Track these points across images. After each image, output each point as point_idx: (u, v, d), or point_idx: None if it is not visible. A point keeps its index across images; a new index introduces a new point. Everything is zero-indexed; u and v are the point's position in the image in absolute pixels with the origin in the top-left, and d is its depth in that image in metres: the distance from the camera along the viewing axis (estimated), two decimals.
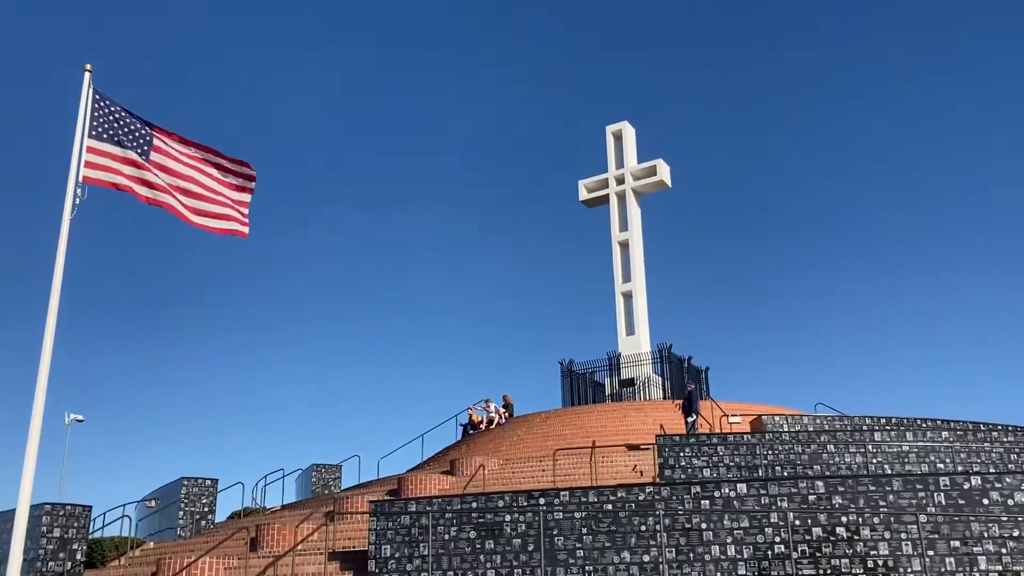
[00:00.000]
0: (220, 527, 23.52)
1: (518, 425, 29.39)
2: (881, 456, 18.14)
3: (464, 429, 32.55)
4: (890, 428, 19.47)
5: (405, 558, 14.65)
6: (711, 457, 18.48)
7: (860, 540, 13.08)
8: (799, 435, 18.63)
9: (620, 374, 33.48)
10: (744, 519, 13.52)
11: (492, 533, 14.38)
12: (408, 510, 14.94)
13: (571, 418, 28.74)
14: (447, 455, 29.26)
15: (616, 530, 13.91)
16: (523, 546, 14.16)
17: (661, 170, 36.03)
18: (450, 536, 14.53)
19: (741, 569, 13.23)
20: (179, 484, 24.08)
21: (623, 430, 26.65)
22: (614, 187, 36.54)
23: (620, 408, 29.18)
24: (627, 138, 37.23)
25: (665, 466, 18.39)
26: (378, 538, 14.90)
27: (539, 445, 26.69)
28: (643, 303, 35.27)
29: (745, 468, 18.22)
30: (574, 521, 14.10)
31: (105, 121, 17.20)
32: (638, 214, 36.33)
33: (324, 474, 28.88)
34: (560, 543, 14.01)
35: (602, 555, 13.81)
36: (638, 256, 35.72)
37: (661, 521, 13.72)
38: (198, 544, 20.47)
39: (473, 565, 14.28)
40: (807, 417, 23.07)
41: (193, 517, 23.79)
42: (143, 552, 21.29)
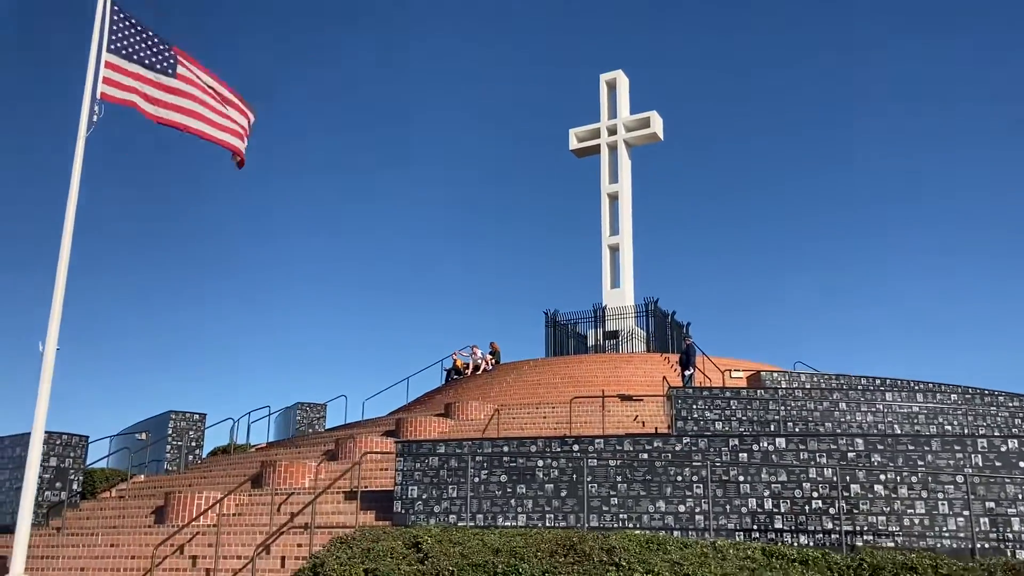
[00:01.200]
0: (209, 462, 23.03)
1: (506, 372, 29.22)
2: (891, 416, 18.32)
3: (447, 374, 32.33)
4: (901, 388, 19.68)
5: (433, 500, 14.40)
6: (723, 411, 18.49)
7: (897, 498, 13.16)
8: (812, 392, 18.71)
9: (605, 326, 33.43)
10: (783, 473, 13.50)
11: (524, 477, 14.18)
12: (436, 451, 14.66)
13: (560, 367, 28.64)
14: (434, 399, 29.02)
15: (651, 479, 13.81)
16: (556, 491, 14.00)
17: (654, 122, 35.70)
18: (480, 479, 14.30)
19: (778, 523, 13.24)
20: (167, 417, 23.46)
21: (614, 381, 26.62)
22: (606, 137, 36.14)
23: (610, 359, 29.15)
24: (621, 88, 36.75)
25: (678, 417, 18.35)
26: (405, 479, 14.61)
27: (530, 392, 26.57)
28: (629, 257, 35.15)
29: (757, 423, 18.26)
30: (608, 468, 13.96)
31: (125, 37, 16.26)
32: (628, 166, 36.03)
33: (309, 413, 28.41)
34: (594, 490, 13.87)
35: (636, 503, 13.71)
36: (627, 209, 35.50)
37: (699, 472, 13.65)
38: (195, 478, 20.00)
39: (504, 509, 14.09)
40: (804, 375, 23.24)
41: (181, 451, 23.24)
42: (136, 484, 20.74)
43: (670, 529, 13.41)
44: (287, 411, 29.02)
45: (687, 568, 10.06)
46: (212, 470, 20.58)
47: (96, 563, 13.86)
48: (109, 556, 14.00)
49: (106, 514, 17.53)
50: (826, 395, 18.58)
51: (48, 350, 14.12)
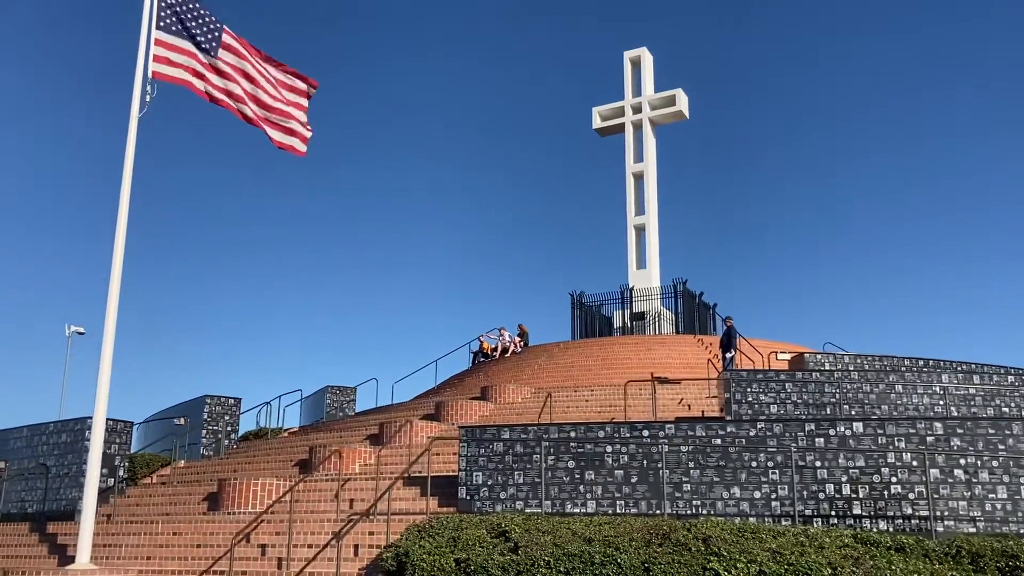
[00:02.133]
0: (248, 447, 22.77)
1: (536, 355, 28.94)
2: (948, 398, 18.08)
3: (474, 357, 32.07)
4: (956, 370, 19.43)
5: (499, 486, 14.14)
6: (778, 394, 18.24)
7: (978, 483, 12.93)
8: (867, 374, 18.46)
9: (632, 307, 33.16)
10: (860, 458, 13.26)
11: (592, 464, 13.92)
12: (501, 437, 14.39)
13: (592, 349, 28.38)
14: (464, 382, 28.77)
15: (725, 465, 13.56)
16: (626, 478, 13.75)
17: (680, 100, 35.31)
18: (547, 465, 14.04)
19: (856, 508, 13.01)
20: (202, 402, 23.19)
21: (648, 363, 26.35)
22: (630, 116, 35.76)
23: (642, 341, 28.90)
24: (645, 65, 36.34)
25: (732, 401, 18.09)
26: (469, 464, 14.35)
27: (563, 375, 26.32)
28: (655, 237, 34.87)
29: (813, 406, 18.02)
30: (680, 454, 13.70)
31: (173, 13, 15.80)
32: (653, 145, 35.67)
33: (339, 396, 28.15)
34: (665, 476, 13.62)
35: (710, 490, 13.47)
36: (652, 188, 35.16)
37: (775, 457, 13.41)
38: (239, 464, 19.75)
39: (572, 495, 13.84)
40: (847, 356, 22.98)
41: (216, 436, 22.99)
42: (178, 470, 20.49)
43: (745, 516, 13.18)
44: (317, 395, 28.76)
45: (789, 557, 9.81)
46: (255, 455, 20.32)
47: (162, 552, 13.60)
48: (174, 544, 13.74)
49: (155, 500, 17.28)
50: (882, 377, 18.32)
51: (107, 334, 13.83)
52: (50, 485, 17.59)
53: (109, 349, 13.64)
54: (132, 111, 14.68)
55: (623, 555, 9.80)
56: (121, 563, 13.51)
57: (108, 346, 13.65)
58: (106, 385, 13.54)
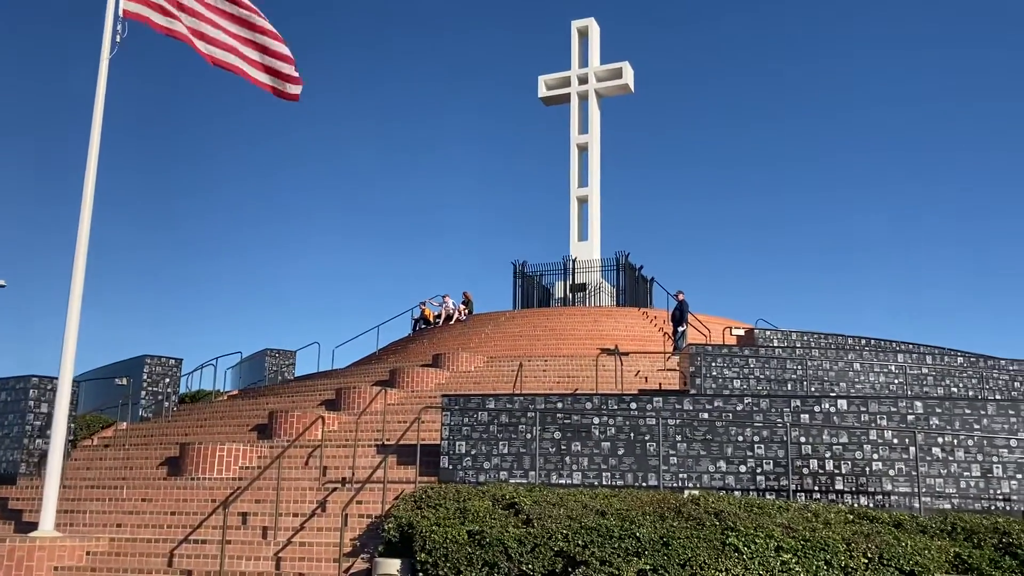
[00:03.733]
0: (193, 409, 21.92)
1: (482, 323, 28.71)
2: (903, 377, 18.64)
3: (415, 324, 31.65)
4: (911, 351, 20.04)
5: (483, 456, 13.92)
6: (741, 369, 18.47)
7: (955, 461, 13.34)
8: (827, 352, 18.87)
9: (574, 279, 33.19)
10: (843, 435, 13.51)
11: (579, 435, 13.82)
12: (486, 406, 14.15)
13: (539, 319, 28.30)
14: (408, 348, 28.34)
15: (712, 439, 13.64)
16: (612, 450, 13.69)
17: (626, 73, 35.25)
18: (532, 435, 13.88)
19: (839, 484, 13.28)
20: (142, 362, 22.18)
21: (596, 334, 26.45)
22: (576, 87, 35.54)
23: (589, 312, 28.95)
24: (593, 36, 36.13)
25: (697, 375, 18.24)
26: (452, 434, 14.07)
27: (512, 344, 26.14)
28: (597, 209, 34.89)
29: (776, 381, 18.32)
30: (667, 427, 13.72)
31: None
32: (598, 117, 35.57)
33: (279, 359, 27.38)
34: (652, 449, 13.63)
35: (697, 463, 13.54)
36: (595, 161, 35.12)
37: (760, 432, 13.55)
38: (189, 427, 18.98)
39: (558, 466, 13.73)
40: (795, 333, 23.44)
41: (156, 398, 22.06)
42: (120, 432, 19.56)
43: (731, 489, 13.30)
44: (255, 357, 27.93)
45: (804, 532, 9.90)
46: (206, 419, 19.55)
47: (132, 519, 12.91)
48: (144, 511, 13.07)
49: (107, 464, 16.45)
50: (841, 355, 18.75)
51: (75, 287, 12.98)
52: None
53: (77, 303, 12.84)
54: (103, 51, 13.74)
55: (641, 529, 9.73)
56: (88, 530, 12.78)
57: (76, 299, 12.84)
58: (73, 341, 12.74)
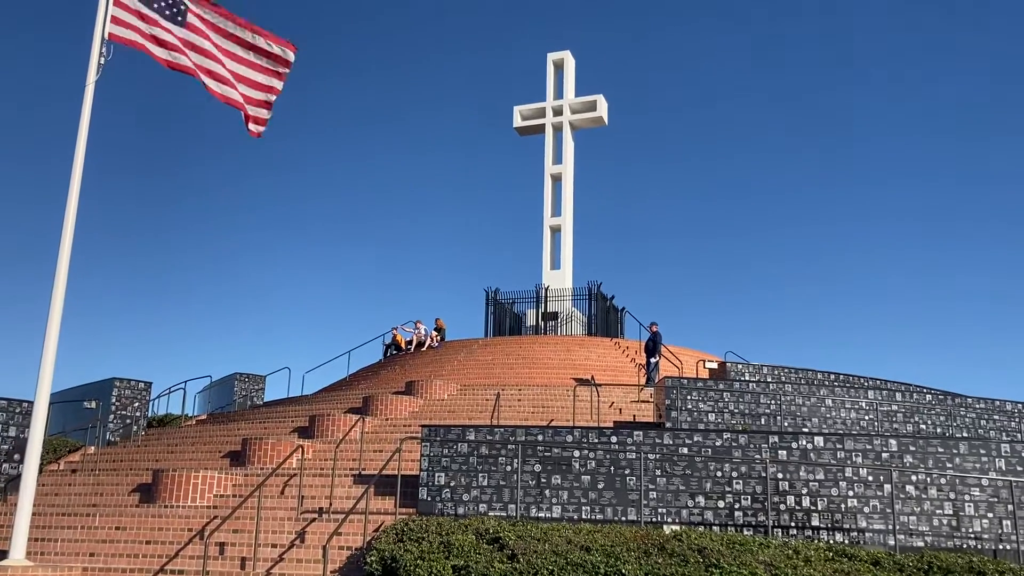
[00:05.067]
0: (164, 434, 21.59)
1: (455, 350, 28.68)
2: (873, 414, 18.92)
3: (386, 349, 31.55)
4: (880, 388, 20.35)
5: (462, 488, 13.88)
6: (716, 402, 18.65)
7: (927, 499, 13.56)
8: (800, 387, 19.11)
9: (546, 307, 33.32)
10: (820, 471, 13.68)
11: (559, 468, 13.85)
12: (466, 438, 14.14)
13: (511, 347, 28.33)
14: (379, 375, 28.21)
15: (691, 474, 13.74)
16: (592, 483, 13.73)
17: (600, 106, 35.67)
18: (513, 468, 13.88)
19: (815, 520, 13.42)
20: (110, 384, 21.87)
21: (569, 364, 26.57)
22: (551, 118, 35.89)
23: (561, 341, 29.04)
24: (568, 68, 36.54)
25: (672, 408, 18.38)
26: (431, 464, 14.03)
27: (485, 373, 26.13)
28: (570, 238, 35.13)
29: (749, 416, 18.52)
30: (647, 462, 13.80)
31: None
32: (572, 148, 35.92)
33: (248, 384, 27.11)
34: (632, 483, 13.69)
35: (676, 498, 13.62)
36: (569, 191, 35.41)
37: (739, 468, 13.68)
38: (160, 452, 18.69)
39: (538, 500, 13.73)
40: (766, 367, 23.73)
41: (124, 422, 21.74)
42: (88, 456, 19.22)
43: (709, 525, 13.39)
44: (223, 382, 27.62)
45: (785, 570, 10.00)
46: (176, 444, 19.27)
47: (106, 548, 12.67)
48: (119, 540, 12.83)
49: (76, 490, 16.14)
50: (813, 391, 19.00)
51: (55, 308, 12.79)
52: None
53: (56, 324, 12.63)
54: (89, 75, 13.65)
55: (627, 566, 9.76)
56: (60, 559, 12.52)
57: (55, 320, 12.64)
58: (51, 363, 12.53)
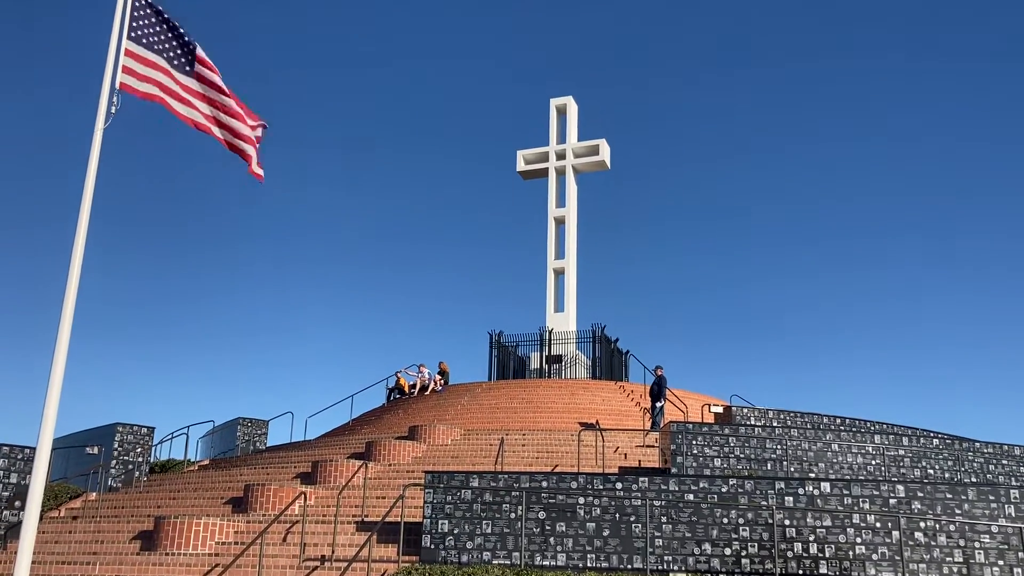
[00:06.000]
0: (165, 480, 21.47)
1: (458, 394, 28.57)
2: (880, 458, 18.77)
3: (390, 393, 31.41)
4: (887, 432, 20.21)
5: (465, 535, 13.75)
6: (722, 447, 18.52)
7: (937, 546, 13.40)
8: (806, 432, 18.98)
9: (550, 350, 33.25)
10: (827, 518, 13.55)
11: (564, 515, 13.73)
12: (470, 484, 14.04)
13: (515, 391, 28.22)
14: (383, 419, 28.07)
15: (697, 520, 13.61)
16: (597, 531, 13.60)
17: (603, 150, 35.90)
18: (516, 515, 13.77)
19: (823, 567, 13.26)
20: (113, 430, 21.81)
21: (574, 408, 26.43)
22: (554, 162, 36.10)
23: (566, 385, 28.92)
24: (571, 113, 36.83)
25: (678, 452, 18.25)
26: (434, 512, 13.92)
27: (489, 417, 26.00)
28: (574, 281, 35.13)
29: (755, 461, 18.37)
30: (653, 508, 13.68)
31: (147, 25, 15.00)
32: (575, 191, 36.08)
33: (251, 429, 27.00)
34: (637, 530, 13.56)
35: (682, 545, 13.47)
36: (572, 234, 35.52)
37: (746, 514, 13.54)
38: (161, 498, 18.58)
39: (542, 547, 13.59)
40: (772, 412, 23.59)
41: (127, 467, 21.63)
42: (89, 503, 19.10)
43: (716, 573, 13.24)
44: (226, 426, 27.52)
45: None
46: (179, 491, 19.15)
47: None
48: None
49: (76, 537, 16.02)
50: (819, 435, 18.87)
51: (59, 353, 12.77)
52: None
53: (60, 369, 12.57)
54: (97, 123, 13.78)
55: None
56: None
57: (59, 365, 12.57)
58: (54, 409, 12.48)
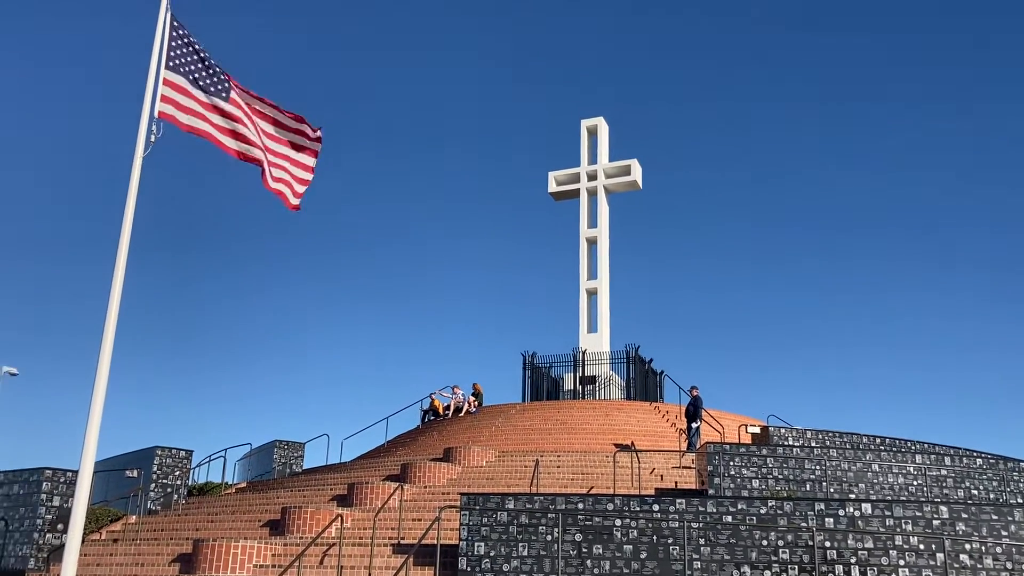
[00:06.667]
0: (203, 503, 21.64)
1: (492, 415, 28.54)
2: (922, 479, 18.46)
3: (424, 415, 31.45)
4: (928, 452, 19.88)
5: (502, 558, 13.71)
6: (760, 468, 18.31)
7: (983, 569, 13.13)
8: (845, 452, 18.72)
9: (584, 371, 33.13)
10: (869, 540, 13.33)
11: (601, 537, 13.64)
12: (506, 506, 14.00)
13: (550, 412, 28.14)
14: (417, 441, 28.12)
15: (736, 543, 13.46)
16: (635, 553, 13.49)
17: (634, 170, 35.86)
18: (553, 537, 13.70)
19: None
20: (152, 453, 22.04)
21: (609, 429, 26.30)
22: (585, 183, 36.12)
23: (601, 406, 28.80)
24: (601, 134, 36.87)
25: (715, 474, 18.08)
26: (471, 534, 13.89)
27: (523, 438, 25.95)
28: (607, 301, 35.05)
29: (794, 482, 18.14)
30: (691, 531, 13.54)
31: (183, 55, 15.27)
32: (607, 211, 36.06)
33: (287, 451, 27.15)
34: (676, 553, 13.43)
35: (721, 568, 13.32)
36: (604, 254, 35.48)
37: (785, 536, 13.37)
38: (200, 522, 18.72)
39: (579, 570, 13.50)
40: (809, 432, 23.31)
41: (166, 490, 21.83)
42: (129, 526, 19.29)
43: None
44: (263, 449, 27.70)
45: None
46: (216, 513, 19.30)
47: None
48: None
49: (117, 560, 16.18)
50: (859, 455, 18.60)
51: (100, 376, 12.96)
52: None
53: (102, 390, 12.75)
54: (137, 150, 14.04)
55: None
56: None
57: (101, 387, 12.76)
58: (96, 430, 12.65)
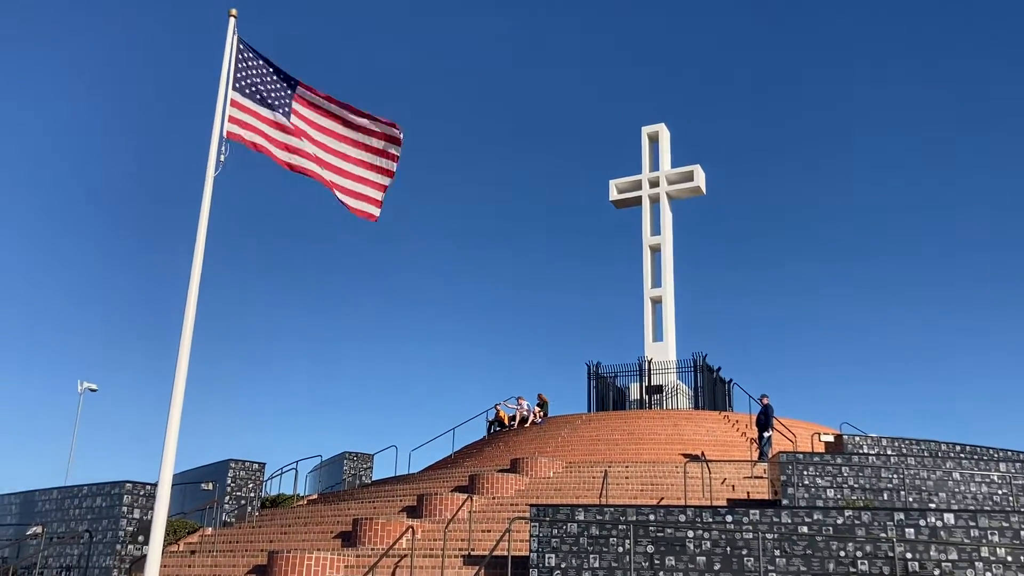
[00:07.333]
0: (276, 515, 21.99)
1: (558, 426, 28.46)
2: (1007, 487, 17.83)
3: (490, 426, 31.51)
4: (1013, 460, 19.21)
5: (573, 569, 13.62)
6: (835, 477, 17.89)
7: None
8: (924, 460, 18.19)
9: (650, 380, 32.84)
10: (952, 551, 12.93)
11: (673, 549, 13.47)
12: (575, 518, 13.92)
13: (616, 422, 27.95)
14: (483, 452, 28.17)
15: (812, 554, 13.16)
16: (708, 565, 13.29)
17: (697, 176, 35.51)
18: (624, 549, 13.57)
19: None
20: (226, 466, 22.45)
21: (677, 439, 26.00)
22: (647, 190, 35.89)
23: (668, 416, 28.51)
24: (663, 141, 36.60)
25: (788, 483, 17.71)
26: (541, 546, 13.83)
27: (590, 449, 25.83)
28: (671, 309, 34.72)
29: (870, 491, 17.68)
30: (765, 541, 13.29)
31: (248, 75, 15.57)
32: (670, 218, 35.74)
33: (356, 463, 27.45)
34: (750, 564, 13.19)
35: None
36: (668, 261, 35.16)
37: (863, 547, 13.03)
38: (274, 533, 19.01)
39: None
40: (885, 439, 22.67)
41: (239, 503, 22.21)
42: (205, 537, 19.69)
43: None
44: (334, 461, 28.05)
45: None
46: (290, 525, 19.58)
47: None
48: None
49: (195, 571, 16.51)
50: (939, 463, 18.06)
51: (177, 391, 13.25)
52: (81, 552, 16.79)
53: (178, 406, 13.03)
54: (208, 170, 14.38)
55: None
56: None
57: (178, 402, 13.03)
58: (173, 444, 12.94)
